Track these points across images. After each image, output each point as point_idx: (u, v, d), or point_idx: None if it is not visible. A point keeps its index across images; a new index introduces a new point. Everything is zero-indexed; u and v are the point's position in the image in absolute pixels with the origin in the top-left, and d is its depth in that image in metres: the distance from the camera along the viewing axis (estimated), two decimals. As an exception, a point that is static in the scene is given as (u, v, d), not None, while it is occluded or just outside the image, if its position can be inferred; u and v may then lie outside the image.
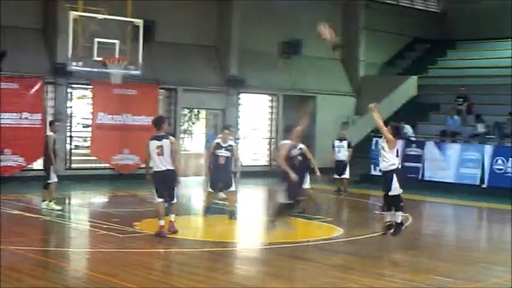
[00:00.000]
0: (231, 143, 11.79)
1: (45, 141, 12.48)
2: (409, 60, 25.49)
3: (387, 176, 9.41)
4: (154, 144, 9.66)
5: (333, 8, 23.06)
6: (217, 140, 11.79)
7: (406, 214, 9.77)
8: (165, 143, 9.62)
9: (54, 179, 12.36)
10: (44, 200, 12.50)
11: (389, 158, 9.35)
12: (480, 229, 13.50)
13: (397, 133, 9.77)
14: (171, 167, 9.66)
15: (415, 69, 24.10)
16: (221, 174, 11.64)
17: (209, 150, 11.97)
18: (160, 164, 9.63)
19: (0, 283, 6.95)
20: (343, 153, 16.04)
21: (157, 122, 9.86)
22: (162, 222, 9.72)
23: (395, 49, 25.44)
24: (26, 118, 16.56)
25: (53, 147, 12.38)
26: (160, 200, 9.78)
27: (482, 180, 17.33)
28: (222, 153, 11.61)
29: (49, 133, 12.57)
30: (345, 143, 16.22)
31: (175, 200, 9.93)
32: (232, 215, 11.88)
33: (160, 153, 9.60)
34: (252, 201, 16.64)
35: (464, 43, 24.88)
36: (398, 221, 9.51)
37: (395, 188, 9.34)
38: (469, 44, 24.64)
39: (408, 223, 12.47)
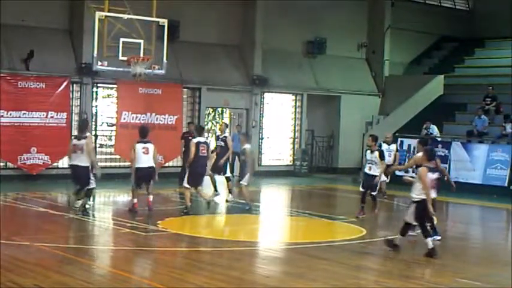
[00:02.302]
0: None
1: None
2: (435, 59, 25.15)
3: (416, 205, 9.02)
4: (140, 146, 11.98)
5: (358, 7, 22.88)
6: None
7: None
8: (150, 146, 12.04)
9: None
10: (79, 199, 12.63)
11: (419, 190, 8.92)
12: (507, 232, 13.24)
13: (432, 156, 9.19)
14: (152, 165, 11.97)
15: (442, 69, 23.76)
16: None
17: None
18: (146, 161, 11.90)
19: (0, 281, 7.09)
20: (391, 157, 15.42)
21: (144, 131, 12.30)
22: (135, 200, 12.08)
23: (422, 48, 25.12)
24: (52, 117, 16.77)
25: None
26: (137, 189, 12.18)
27: (510, 182, 17.00)
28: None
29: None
30: (393, 147, 15.84)
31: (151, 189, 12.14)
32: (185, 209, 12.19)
33: (146, 153, 11.95)
34: (274, 201, 16.61)
35: (493, 41, 24.44)
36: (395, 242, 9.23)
37: (410, 216, 9.03)
38: (498, 42, 24.18)
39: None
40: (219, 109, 21.43)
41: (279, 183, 18.79)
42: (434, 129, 19.35)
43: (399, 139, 19.25)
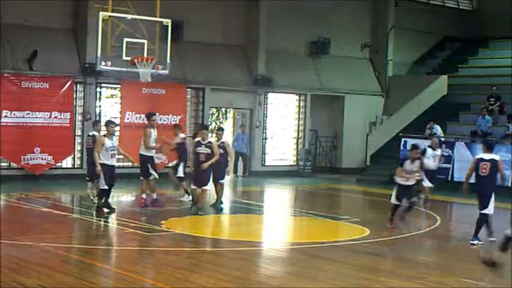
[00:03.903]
0: (211, 140, 12.28)
1: (93, 141, 12.49)
2: (439, 59, 25.11)
3: None
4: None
5: (362, 7, 22.85)
6: (197, 139, 12.25)
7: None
8: (143, 132, 12.33)
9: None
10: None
11: None
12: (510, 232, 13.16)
13: None
14: (142, 153, 12.41)
15: (446, 69, 23.73)
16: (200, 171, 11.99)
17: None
18: (139, 149, 12.40)
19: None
20: (437, 163, 15.00)
21: (148, 116, 12.83)
22: (143, 196, 12.58)
23: (425, 48, 25.08)
24: (56, 117, 16.79)
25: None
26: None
27: (514, 182, 16.92)
28: (202, 150, 11.99)
29: (94, 133, 12.79)
30: (438, 152, 15.27)
31: (151, 177, 12.50)
32: (198, 210, 12.06)
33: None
34: (278, 201, 16.61)
35: (496, 41, 24.38)
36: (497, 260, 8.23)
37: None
38: (501, 42, 24.10)
39: (437, 224, 12.33)
40: (223, 109, 21.43)
41: (282, 183, 18.79)
42: (438, 129, 19.31)
43: (403, 139, 19.24)
